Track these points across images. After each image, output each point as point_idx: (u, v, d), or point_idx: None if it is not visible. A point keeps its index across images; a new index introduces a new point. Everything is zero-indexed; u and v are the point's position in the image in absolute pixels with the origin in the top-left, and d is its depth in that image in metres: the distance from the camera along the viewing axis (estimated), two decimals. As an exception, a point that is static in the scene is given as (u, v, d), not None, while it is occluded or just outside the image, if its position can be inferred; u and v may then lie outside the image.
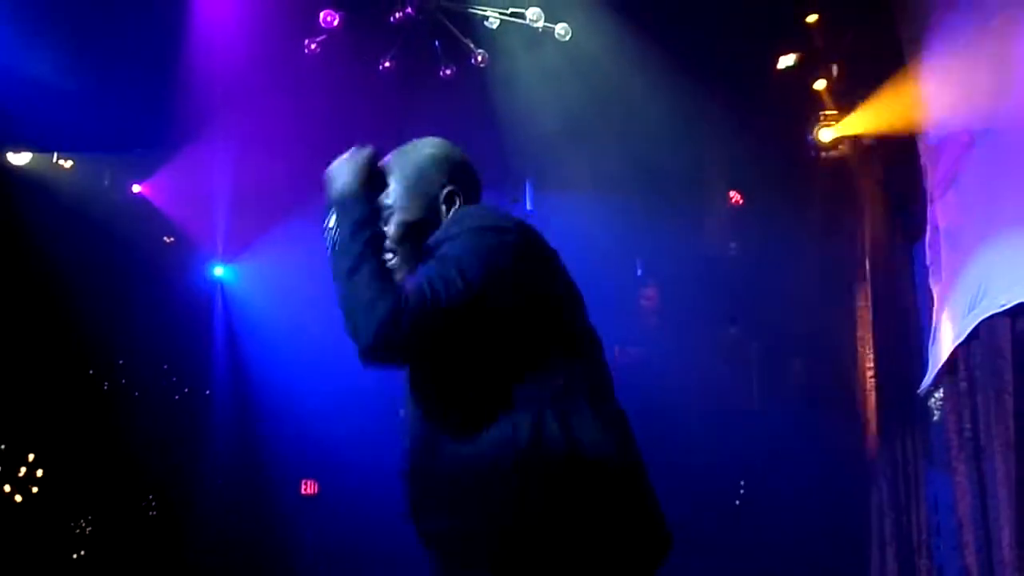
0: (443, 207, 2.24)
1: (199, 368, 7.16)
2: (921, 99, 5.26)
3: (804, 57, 5.91)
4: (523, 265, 2.06)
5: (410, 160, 2.29)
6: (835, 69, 5.85)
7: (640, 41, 5.69)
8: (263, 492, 6.84)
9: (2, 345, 5.91)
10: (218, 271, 7.25)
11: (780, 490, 6.26)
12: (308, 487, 6.84)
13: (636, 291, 7.07)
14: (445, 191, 2.25)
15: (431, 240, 2.10)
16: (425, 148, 2.32)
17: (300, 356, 6.57)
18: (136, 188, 6.78)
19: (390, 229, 2.22)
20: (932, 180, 5.30)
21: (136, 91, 5.63)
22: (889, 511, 5.50)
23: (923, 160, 5.34)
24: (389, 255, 2.21)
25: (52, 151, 6.35)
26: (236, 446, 6.91)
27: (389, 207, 2.24)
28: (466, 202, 2.26)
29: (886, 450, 5.63)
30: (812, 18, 5.70)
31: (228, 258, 7.26)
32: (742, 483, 6.78)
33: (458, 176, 2.30)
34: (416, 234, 2.19)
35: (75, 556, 6.19)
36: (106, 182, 6.67)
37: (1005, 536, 4.44)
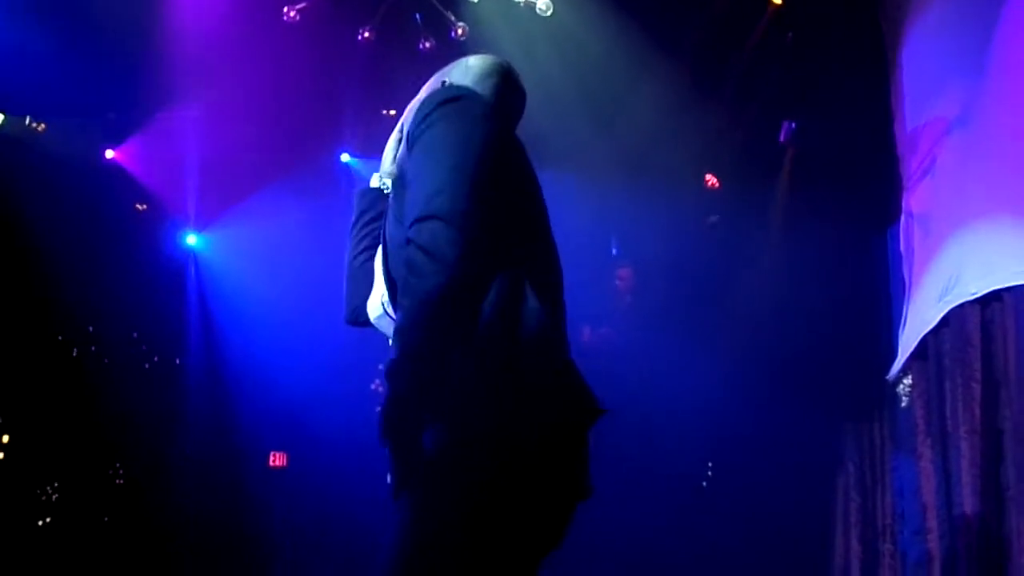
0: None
1: (170, 337, 7.09)
2: (900, 87, 5.26)
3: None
4: (504, 148, 2.08)
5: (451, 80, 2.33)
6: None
7: (621, 19, 5.67)
8: (232, 462, 6.81)
9: None
10: (191, 239, 7.17)
11: (748, 472, 6.28)
12: (277, 459, 6.81)
13: (611, 271, 7.05)
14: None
15: (413, 132, 2.05)
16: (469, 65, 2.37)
17: (272, 327, 6.52)
18: (109, 154, 6.67)
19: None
20: (907, 168, 5.32)
21: (109, 55, 5.54)
22: (855, 495, 5.56)
23: (899, 148, 5.35)
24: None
25: (25, 114, 6.25)
26: (206, 416, 6.88)
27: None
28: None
29: (853, 434, 5.69)
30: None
31: (201, 226, 7.16)
32: (710, 464, 6.77)
33: (474, 77, 2.32)
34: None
35: (41, 523, 6.16)
36: (79, 147, 6.55)
37: (969, 521, 4.46)
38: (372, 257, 2.31)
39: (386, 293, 2.14)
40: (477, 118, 2.06)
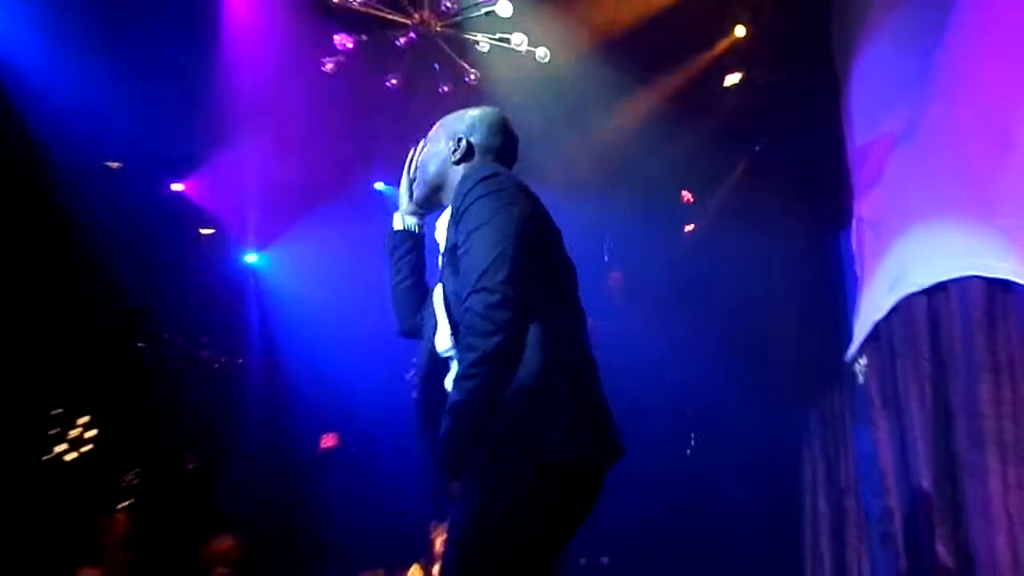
0: (451, 158, 2.31)
1: (234, 341, 7.23)
2: (849, 108, 5.17)
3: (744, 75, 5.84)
4: (530, 223, 2.09)
5: (463, 112, 2.39)
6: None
7: (607, 61, 5.65)
8: (288, 445, 6.85)
9: (64, 324, 5.83)
10: (250, 258, 7.27)
11: (726, 442, 6.23)
12: (328, 441, 6.78)
13: (603, 274, 7.05)
14: (460, 138, 2.31)
15: (457, 212, 2.10)
16: (476, 110, 2.39)
17: (320, 329, 6.51)
18: (177, 187, 6.68)
19: (427, 154, 2.36)
20: (857, 178, 5.25)
21: (176, 103, 5.56)
22: (820, 461, 5.42)
23: (850, 160, 5.28)
24: (418, 181, 2.40)
25: (101, 156, 6.22)
26: (265, 407, 6.98)
27: (435, 137, 2.36)
28: (489, 152, 2.33)
29: (817, 409, 5.54)
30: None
31: (259, 247, 7.22)
32: (693, 437, 6.71)
33: (477, 128, 2.34)
34: (440, 170, 2.32)
35: (123, 506, 6.11)
36: (152, 182, 6.56)
37: (923, 483, 4.34)
38: (412, 285, 2.43)
39: (451, 333, 2.15)
40: (510, 195, 2.09)
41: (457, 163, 2.29)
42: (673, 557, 5.88)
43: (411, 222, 2.45)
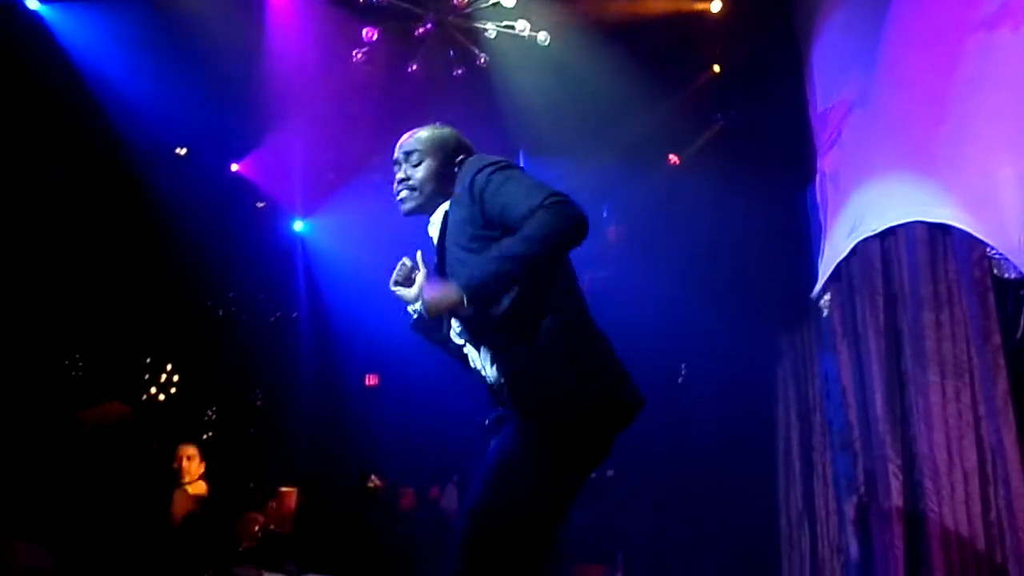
0: (455, 164, 2.36)
1: (287, 297, 7.22)
2: (812, 77, 5.18)
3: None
4: None
5: (435, 133, 2.43)
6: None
7: (601, 43, 5.63)
8: (337, 384, 6.90)
9: (143, 288, 5.94)
10: (298, 226, 7.26)
11: (711, 370, 6.30)
12: (371, 380, 6.88)
13: (602, 230, 7.04)
14: (456, 153, 2.38)
15: (474, 188, 2.18)
16: (443, 128, 2.46)
17: (360, 285, 6.47)
18: (234, 167, 6.73)
19: (419, 172, 2.37)
20: (820, 138, 5.25)
21: (231, 94, 5.62)
22: (791, 382, 5.52)
23: (813, 124, 5.28)
24: (412, 191, 2.38)
25: (171, 144, 6.28)
26: (317, 352, 6.99)
27: (420, 157, 2.38)
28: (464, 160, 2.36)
29: (788, 338, 5.64)
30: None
31: (305, 216, 7.25)
32: (683, 367, 6.78)
33: (463, 144, 2.42)
34: (440, 179, 2.34)
35: (204, 437, 6.26)
36: (213, 163, 6.61)
37: (877, 398, 4.44)
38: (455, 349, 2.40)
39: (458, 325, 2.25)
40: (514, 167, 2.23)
41: (452, 170, 2.35)
42: (668, 466, 5.99)
43: (420, 306, 2.36)
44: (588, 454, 2.18)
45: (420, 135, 2.42)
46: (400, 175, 2.41)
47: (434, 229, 2.38)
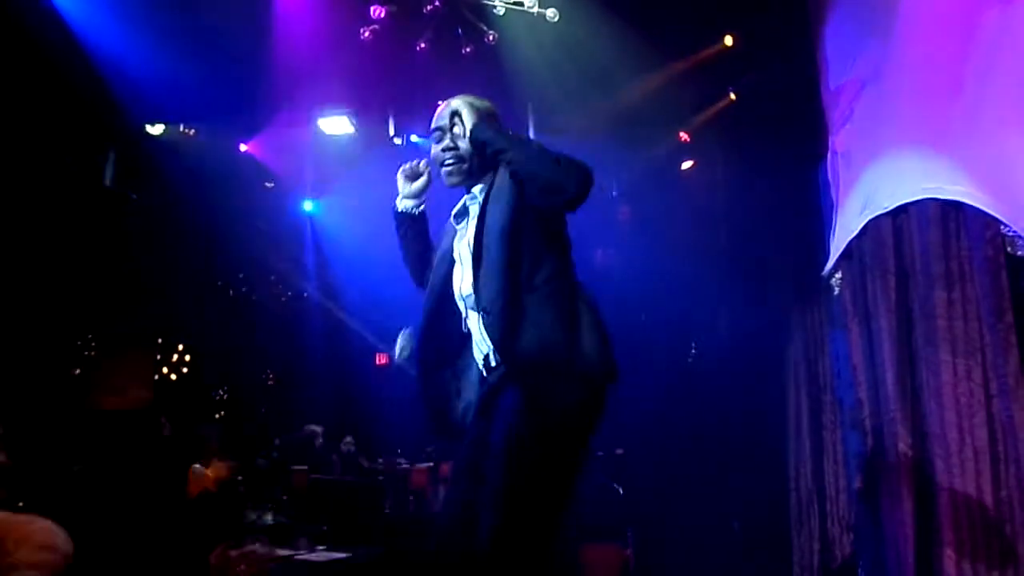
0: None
1: (298, 277, 7.23)
2: (824, 56, 5.13)
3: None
4: None
5: (478, 103, 2.42)
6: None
7: (610, 18, 5.54)
8: (348, 362, 6.94)
9: (153, 269, 5.97)
10: (307, 206, 7.25)
11: (721, 347, 6.30)
12: (381, 359, 6.91)
13: (614, 209, 7.04)
14: (496, 122, 2.41)
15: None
16: (484, 100, 2.46)
17: (369, 264, 6.54)
18: (243, 147, 6.72)
19: (464, 143, 2.36)
20: (831, 117, 5.19)
21: (239, 74, 5.61)
22: (802, 360, 5.51)
23: (824, 102, 5.23)
24: (463, 163, 2.37)
25: (179, 123, 6.29)
26: (327, 331, 7.01)
27: (461, 131, 2.37)
28: None
29: (799, 316, 5.61)
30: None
31: (314, 196, 7.25)
32: (693, 345, 6.78)
33: (497, 117, 2.45)
34: (482, 149, 2.32)
35: (216, 416, 6.31)
36: (220, 144, 6.60)
37: (888, 376, 4.43)
38: (420, 252, 2.58)
39: (473, 276, 2.24)
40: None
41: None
42: (679, 444, 6.00)
43: (410, 204, 2.55)
44: (585, 414, 2.16)
45: (470, 104, 2.39)
46: (446, 143, 2.38)
47: (474, 204, 2.38)
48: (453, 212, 2.46)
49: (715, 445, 5.94)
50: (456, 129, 2.37)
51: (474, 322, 2.31)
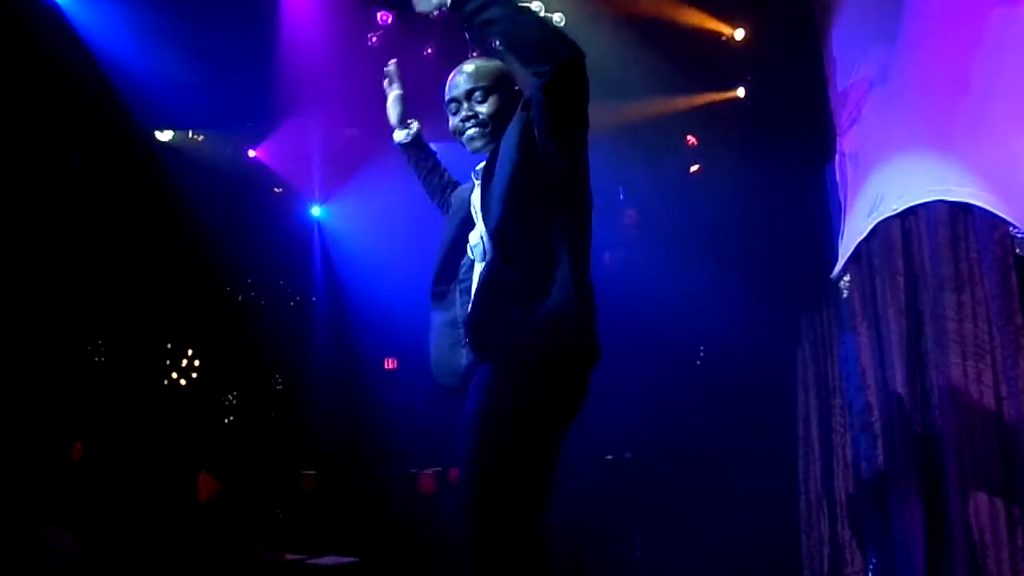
0: (515, 95, 2.38)
1: (306, 282, 7.26)
2: (832, 58, 5.13)
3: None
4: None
5: (494, 65, 2.44)
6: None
7: (616, 21, 5.60)
8: (357, 367, 6.95)
9: (163, 274, 6.00)
10: (315, 211, 7.28)
11: (730, 351, 6.20)
12: (389, 363, 6.91)
13: (620, 212, 7.01)
14: (517, 88, 2.41)
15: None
16: (498, 62, 2.48)
17: (378, 268, 6.59)
18: (251, 153, 6.75)
19: (487, 107, 2.35)
20: (839, 118, 5.21)
21: (247, 80, 5.62)
22: (811, 363, 5.49)
23: (832, 103, 5.24)
24: (486, 127, 2.35)
25: (187, 129, 6.32)
26: (335, 336, 7.03)
27: (485, 93, 2.36)
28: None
29: (808, 319, 5.59)
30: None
31: (322, 201, 7.27)
32: (701, 348, 6.75)
33: (509, 76, 2.44)
34: (506, 111, 2.32)
35: (226, 421, 6.32)
36: (229, 150, 6.64)
37: (897, 379, 4.43)
38: (432, 167, 2.76)
39: (486, 232, 2.21)
40: None
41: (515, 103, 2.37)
42: (687, 447, 5.97)
43: (400, 135, 2.77)
44: (558, 394, 2.11)
45: (482, 69, 2.39)
46: (465, 112, 2.38)
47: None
48: (475, 168, 2.44)
49: (723, 449, 5.88)
50: (477, 94, 2.36)
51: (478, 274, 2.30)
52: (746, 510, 5.63)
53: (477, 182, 2.39)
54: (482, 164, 2.38)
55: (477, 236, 2.27)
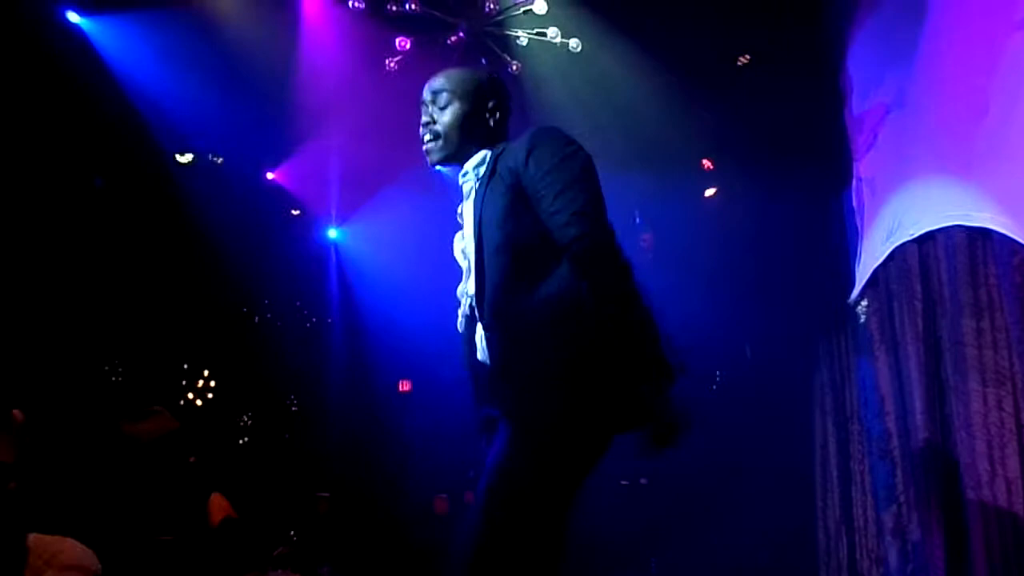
0: (488, 116, 2.18)
1: (322, 304, 7.29)
2: (848, 82, 5.14)
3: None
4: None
5: (468, 73, 2.23)
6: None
7: (631, 46, 5.66)
8: (371, 390, 6.95)
9: (181, 295, 6.04)
10: (332, 233, 7.33)
11: (747, 376, 6.23)
12: (404, 386, 6.91)
13: (636, 236, 7.01)
14: (492, 103, 2.19)
15: (532, 170, 2.02)
16: (480, 71, 2.30)
17: (394, 291, 6.62)
18: (270, 175, 6.82)
19: (446, 115, 2.15)
20: (855, 143, 5.21)
21: (266, 104, 5.69)
22: (828, 389, 5.45)
23: (848, 128, 5.24)
24: (436, 139, 2.15)
25: (207, 152, 6.39)
26: (351, 358, 7.04)
27: (448, 99, 2.15)
28: (503, 118, 2.21)
29: (825, 345, 5.56)
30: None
31: (339, 223, 7.33)
32: (718, 373, 6.72)
33: (499, 91, 2.24)
34: (467, 125, 2.14)
35: (240, 442, 6.33)
36: (248, 172, 6.70)
37: (916, 405, 4.39)
38: None
39: (476, 280, 2.05)
40: (579, 147, 2.11)
41: (484, 118, 2.20)
42: (703, 473, 5.92)
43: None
44: (583, 452, 2.01)
45: (451, 74, 2.20)
46: (426, 118, 2.19)
47: (466, 183, 2.19)
48: (457, 211, 2.29)
49: (740, 475, 5.83)
50: (440, 99, 2.16)
51: (478, 336, 2.18)
52: (763, 537, 5.57)
53: (459, 216, 2.22)
54: (462, 207, 2.21)
55: (471, 284, 2.12)
